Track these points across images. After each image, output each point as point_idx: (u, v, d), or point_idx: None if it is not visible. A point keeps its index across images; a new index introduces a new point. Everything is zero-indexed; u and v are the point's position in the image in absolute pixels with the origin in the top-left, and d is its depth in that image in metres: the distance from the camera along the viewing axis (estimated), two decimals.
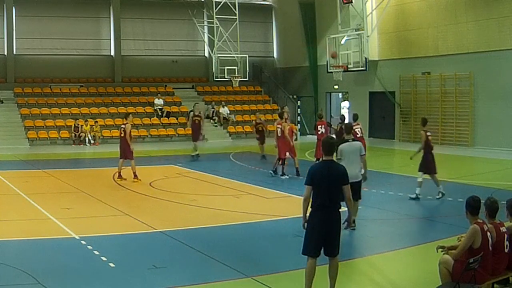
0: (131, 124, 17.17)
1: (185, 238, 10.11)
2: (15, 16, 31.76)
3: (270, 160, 19.38)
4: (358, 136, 16.23)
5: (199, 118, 22.37)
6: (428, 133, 13.83)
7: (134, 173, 16.54)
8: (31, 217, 11.82)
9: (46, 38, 32.23)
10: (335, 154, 7.43)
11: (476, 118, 25.46)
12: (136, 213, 12.16)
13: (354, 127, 15.13)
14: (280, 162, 17.44)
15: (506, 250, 7.09)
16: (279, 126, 17.79)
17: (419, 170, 13.64)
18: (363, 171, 10.54)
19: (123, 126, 16.80)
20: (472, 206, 6.95)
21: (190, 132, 23.28)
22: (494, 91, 24.44)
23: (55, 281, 7.74)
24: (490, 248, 6.88)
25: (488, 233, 6.87)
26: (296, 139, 18.04)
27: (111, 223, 11.61)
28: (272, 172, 17.45)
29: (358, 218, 11.37)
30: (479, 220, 6.93)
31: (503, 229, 7.13)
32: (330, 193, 7.03)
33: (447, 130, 26.41)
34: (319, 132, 18.87)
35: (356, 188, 10.05)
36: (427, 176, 13.47)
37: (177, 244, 9.81)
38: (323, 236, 7.02)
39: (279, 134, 17.67)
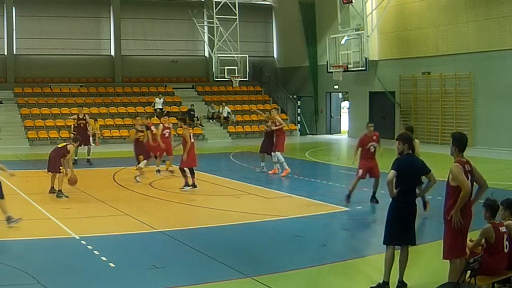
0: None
1: (185, 238, 10.11)
2: (15, 16, 31.76)
3: None
4: None
5: (84, 122, 20.87)
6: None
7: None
8: (31, 217, 11.80)
9: (46, 38, 32.24)
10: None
11: (476, 118, 25.46)
12: (136, 213, 12.16)
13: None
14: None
15: (505, 250, 7.11)
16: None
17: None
18: None
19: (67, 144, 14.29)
20: (494, 209, 7.24)
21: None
22: (494, 91, 24.45)
23: (55, 281, 7.74)
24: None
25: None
26: None
27: (111, 223, 11.60)
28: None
29: (358, 218, 11.41)
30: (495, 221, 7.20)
31: (502, 229, 7.16)
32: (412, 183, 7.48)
33: (447, 130, 26.38)
34: None
35: None
36: None
37: (177, 244, 9.81)
38: (404, 224, 7.40)
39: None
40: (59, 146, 14.42)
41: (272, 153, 17.77)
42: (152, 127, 18.35)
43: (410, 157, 7.56)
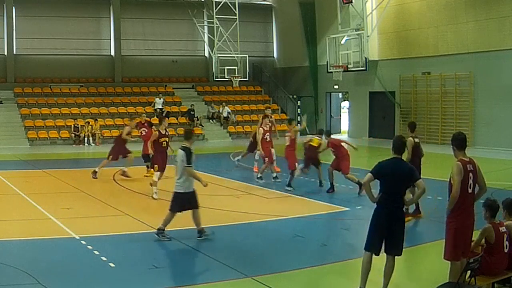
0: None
1: (185, 238, 10.11)
2: (15, 16, 31.76)
3: None
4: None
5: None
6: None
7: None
8: (31, 217, 11.82)
9: (46, 38, 32.24)
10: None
11: (476, 118, 25.46)
12: (136, 213, 12.16)
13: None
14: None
15: (505, 250, 7.11)
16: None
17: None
18: None
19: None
20: (494, 209, 7.25)
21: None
22: (494, 91, 24.45)
23: (55, 281, 7.74)
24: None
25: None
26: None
27: (111, 223, 11.60)
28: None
29: (358, 218, 11.39)
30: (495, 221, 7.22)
31: (502, 229, 7.17)
32: (396, 189, 7.13)
33: (447, 130, 26.40)
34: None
35: None
36: None
37: (177, 244, 9.81)
38: (385, 232, 7.09)
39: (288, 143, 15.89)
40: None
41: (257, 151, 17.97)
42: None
43: (396, 161, 7.19)
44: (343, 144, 15.48)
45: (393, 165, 7.16)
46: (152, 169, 14.82)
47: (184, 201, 9.85)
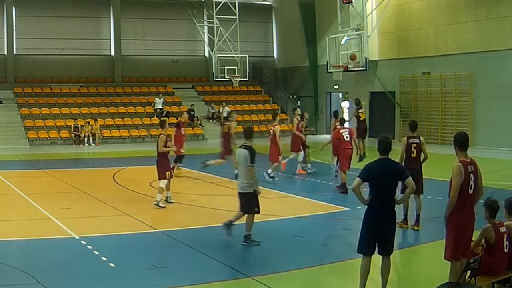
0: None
1: (185, 238, 10.11)
2: (15, 16, 31.77)
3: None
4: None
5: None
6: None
7: None
8: (31, 217, 11.82)
9: (46, 38, 32.24)
10: None
11: (476, 118, 25.45)
12: (136, 213, 12.16)
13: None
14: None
15: (505, 250, 7.11)
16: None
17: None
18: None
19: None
20: (493, 209, 7.22)
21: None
22: (494, 91, 24.44)
23: (55, 281, 7.74)
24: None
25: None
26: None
27: (111, 223, 11.60)
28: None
29: (358, 218, 11.35)
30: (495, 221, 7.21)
31: (502, 229, 7.17)
32: (387, 190, 7.06)
33: (447, 130, 26.40)
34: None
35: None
36: None
37: (177, 244, 9.81)
38: (378, 234, 7.04)
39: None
40: None
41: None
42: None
43: (383, 162, 7.09)
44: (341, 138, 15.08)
45: (381, 166, 7.07)
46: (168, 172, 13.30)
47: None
